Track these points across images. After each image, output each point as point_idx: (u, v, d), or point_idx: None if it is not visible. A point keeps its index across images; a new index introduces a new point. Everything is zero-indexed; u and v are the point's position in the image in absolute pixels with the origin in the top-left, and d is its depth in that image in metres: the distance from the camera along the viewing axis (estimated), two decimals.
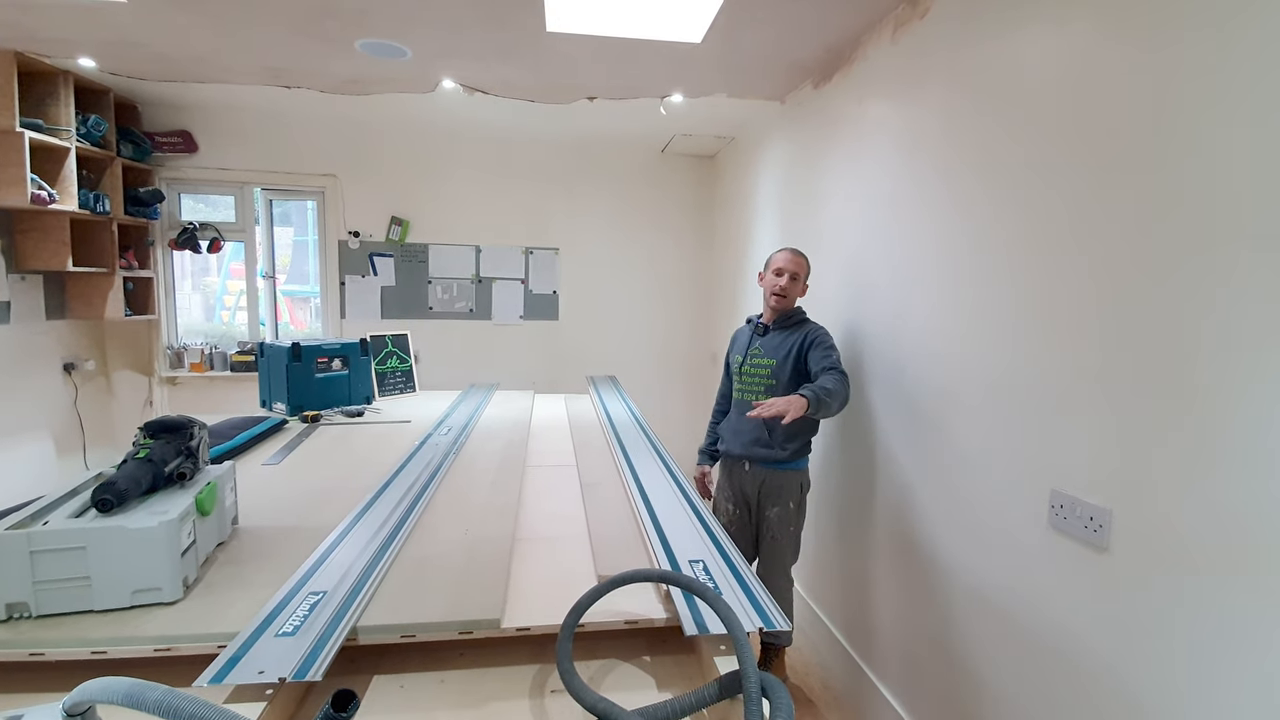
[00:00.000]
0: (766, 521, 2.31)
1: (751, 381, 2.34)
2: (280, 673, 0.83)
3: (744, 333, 2.46)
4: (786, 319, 2.32)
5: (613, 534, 1.41)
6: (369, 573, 1.13)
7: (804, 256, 2.31)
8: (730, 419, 2.41)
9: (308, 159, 3.96)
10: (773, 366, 2.27)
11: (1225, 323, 1.07)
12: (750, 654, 0.83)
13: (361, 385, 2.75)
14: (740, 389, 2.39)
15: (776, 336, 2.31)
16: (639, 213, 4.47)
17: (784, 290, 2.26)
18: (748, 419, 2.15)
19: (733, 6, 2.11)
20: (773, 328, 2.34)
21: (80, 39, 2.64)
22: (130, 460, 1.16)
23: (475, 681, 0.99)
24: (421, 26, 2.38)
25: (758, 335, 2.36)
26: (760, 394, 2.29)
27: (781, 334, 2.30)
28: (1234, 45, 1.07)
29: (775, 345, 2.30)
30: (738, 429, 2.35)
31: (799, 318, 2.33)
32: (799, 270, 2.28)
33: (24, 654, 0.93)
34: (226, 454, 1.87)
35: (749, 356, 2.36)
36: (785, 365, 2.25)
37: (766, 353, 2.31)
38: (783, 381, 2.25)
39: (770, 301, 2.32)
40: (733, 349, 2.50)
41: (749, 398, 2.32)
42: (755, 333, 2.38)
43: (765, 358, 2.31)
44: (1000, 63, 1.64)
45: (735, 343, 2.50)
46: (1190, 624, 1.14)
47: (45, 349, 3.35)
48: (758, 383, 2.32)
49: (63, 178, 2.99)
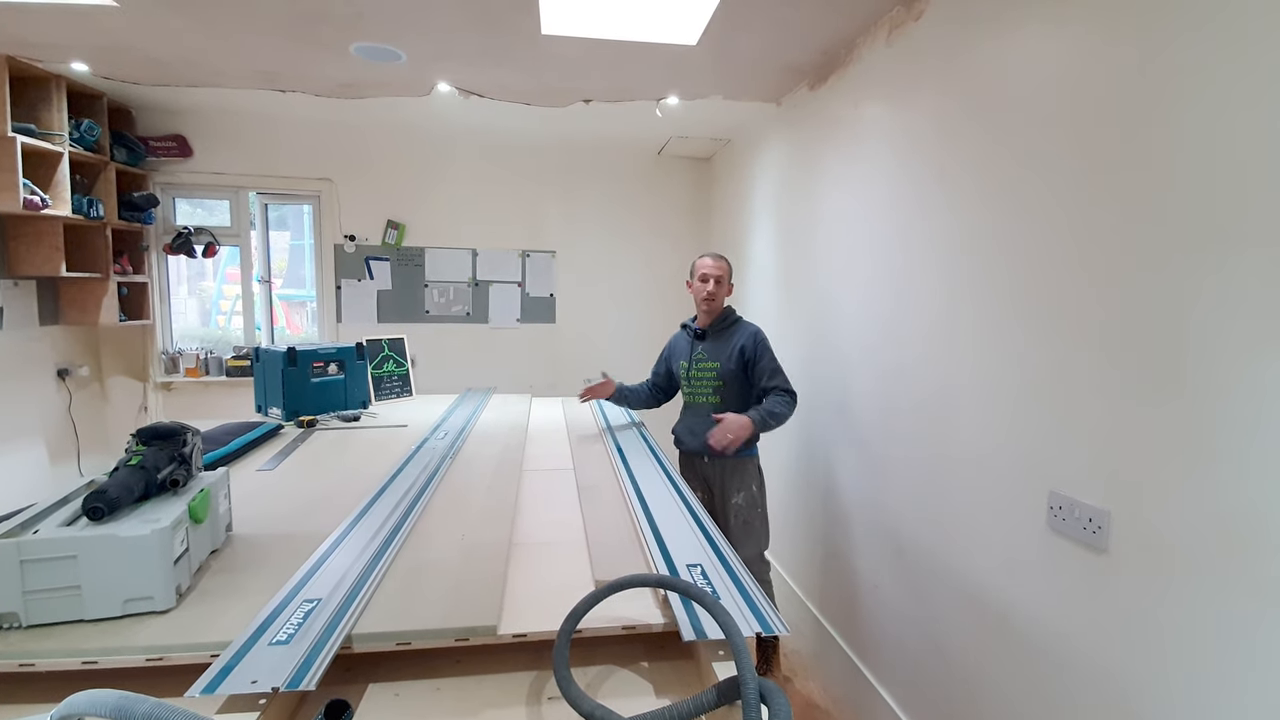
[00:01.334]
0: (734, 508, 2.42)
1: (700, 384, 2.46)
2: (274, 682, 0.83)
3: (681, 339, 2.59)
4: (721, 321, 2.47)
5: (610, 538, 1.41)
6: (364, 579, 1.12)
7: (725, 260, 2.47)
8: (685, 419, 2.54)
9: (303, 163, 3.95)
10: (718, 368, 2.42)
11: (1222, 324, 1.07)
12: (748, 660, 0.82)
13: (357, 390, 2.74)
14: (690, 392, 2.51)
15: (715, 340, 2.46)
16: (635, 215, 4.46)
17: (713, 294, 2.42)
18: (700, 421, 2.39)
19: (727, 9, 2.11)
20: (710, 331, 2.48)
21: (73, 43, 2.62)
22: (122, 467, 1.15)
23: (471, 689, 0.98)
24: (416, 30, 2.38)
25: (698, 340, 2.50)
26: (709, 395, 2.44)
27: (719, 335, 2.46)
28: (1227, 46, 1.07)
29: (716, 348, 2.44)
30: (693, 429, 2.45)
31: (732, 318, 2.49)
32: (723, 274, 2.44)
33: (14, 665, 0.92)
34: (220, 460, 1.86)
35: (694, 362, 2.48)
36: (729, 365, 2.40)
37: (710, 356, 2.44)
38: (728, 381, 2.40)
39: (702, 306, 2.47)
40: (674, 355, 2.62)
41: (700, 400, 2.47)
42: (694, 338, 2.51)
43: (709, 360, 2.44)
44: (995, 64, 1.64)
45: (675, 349, 2.62)
46: (1188, 625, 1.13)
47: (39, 355, 3.33)
48: (706, 384, 2.45)
49: (56, 183, 2.97)
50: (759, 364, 2.38)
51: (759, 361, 2.38)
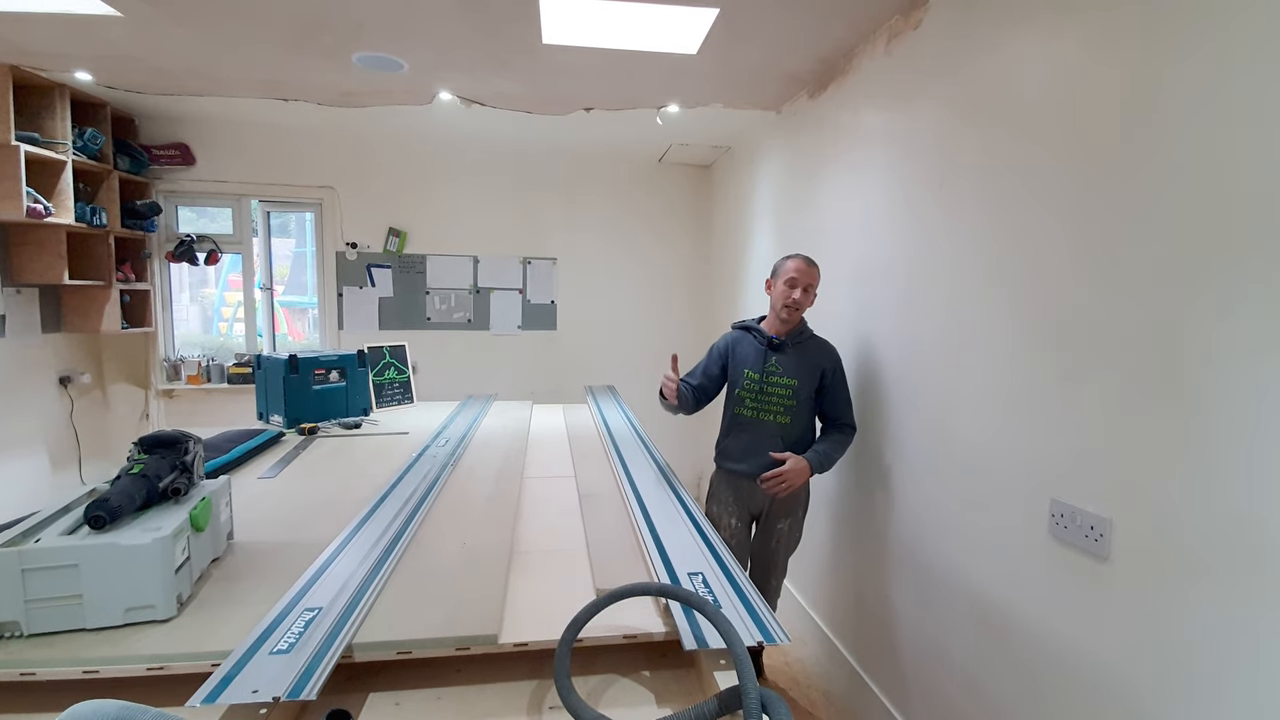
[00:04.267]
0: (777, 533, 2.26)
1: (771, 400, 2.17)
2: (274, 692, 0.83)
3: (748, 344, 2.24)
4: (799, 334, 2.18)
5: (611, 546, 1.41)
6: (365, 588, 1.12)
7: (817, 267, 2.15)
8: (740, 435, 2.21)
9: (305, 171, 3.97)
10: (794, 387, 2.13)
11: (1223, 330, 1.07)
12: (750, 669, 0.82)
13: (359, 397, 2.74)
14: (755, 407, 2.18)
15: (793, 354, 2.16)
16: (636, 222, 4.48)
17: (798, 303, 2.10)
18: (763, 442, 2.13)
19: (727, 18, 2.13)
20: (788, 343, 2.16)
21: (76, 53, 2.64)
22: (124, 476, 1.15)
23: (472, 698, 0.98)
24: (418, 40, 2.39)
25: (772, 350, 2.18)
26: (779, 414, 2.15)
27: (798, 351, 2.16)
28: (1224, 55, 1.07)
29: (795, 364, 2.15)
30: (752, 449, 2.17)
31: (808, 331, 2.22)
32: (812, 282, 2.12)
33: (14, 674, 0.91)
34: (222, 468, 1.86)
35: (767, 374, 2.17)
36: (808, 387, 2.14)
37: (787, 371, 2.14)
38: (802, 403, 2.15)
39: (781, 314, 2.14)
40: (736, 360, 2.25)
41: (767, 418, 2.17)
42: (766, 346, 2.18)
43: (787, 376, 2.14)
44: (993, 72, 1.64)
45: (739, 354, 2.25)
46: (1191, 633, 1.13)
47: (41, 362, 3.34)
48: (778, 402, 2.16)
49: (59, 191, 2.98)
50: (838, 394, 2.17)
51: (838, 391, 2.17)
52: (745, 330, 2.29)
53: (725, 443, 2.27)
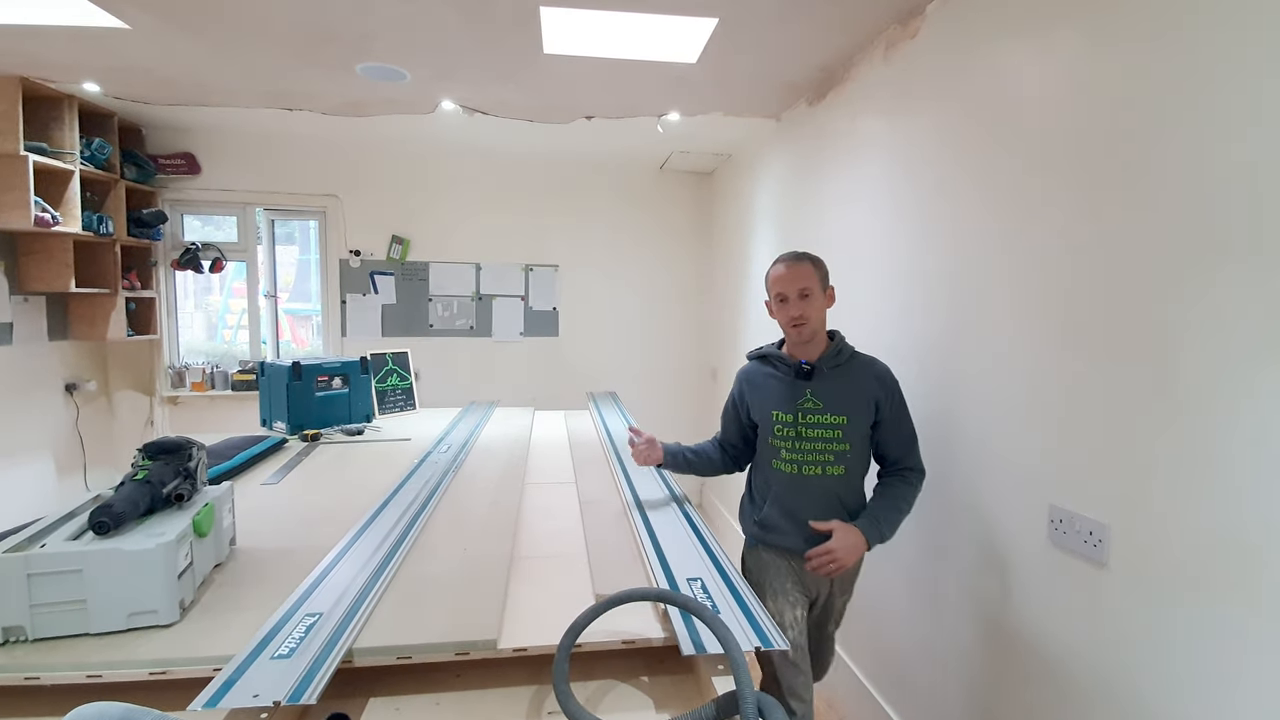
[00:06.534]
0: (836, 613, 1.79)
1: (813, 447, 1.63)
2: (275, 696, 0.83)
3: (768, 377, 1.72)
4: (836, 354, 1.66)
5: (611, 552, 1.41)
6: (366, 593, 1.13)
7: (809, 261, 1.67)
8: (779, 497, 1.68)
9: (309, 179, 4.00)
10: (844, 426, 1.62)
11: (1222, 336, 1.08)
12: (747, 674, 0.83)
13: (361, 403, 2.76)
14: (794, 459, 1.65)
15: (832, 379, 1.65)
16: (638, 229, 4.50)
17: (802, 318, 1.61)
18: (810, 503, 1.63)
19: (726, 28, 2.15)
20: (822, 366, 1.65)
21: (84, 64, 2.68)
22: (128, 482, 1.17)
23: (472, 703, 0.99)
24: (421, 50, 2.42)
25: (801, 380, 1.65)
26: (829, 464, 1.62)
27: (838, 374, 1.65)
28: (1220, 58, 1.08)
29: (839, 394, 1.63)
30: (794, 512, 1.65)
31: (848, 350, 1.69)
32: (808, 284, 1.63)
33: (19, 678, 0.92)
34: (225, 474, 1.87)
35: (801, 413, 1.64)
36: (862, 423, 1.63)
37: (829, 405, 1.63)
38: (856, 445, 1.64)
39: (792, 335, 1.66)
40: (757, 401, 1.72)
41: (812, 470, 1.63)
42: (796, 376, 1.66)
43: (831, 413, 1.62)
44: (990, 80, 1.66)
45: (759, 392, 1.72)
46: (1188, 639, 1.13)
47: (47, 370, 3.36)
48: (823, 448, 1.62)
49: (66, 200, 3.02)
50: (898, 428, 1.66)
51: (899, 425, 1.66)
52: (761, 360, 1.77)
53: (765, 511, 1.69)
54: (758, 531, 1.72)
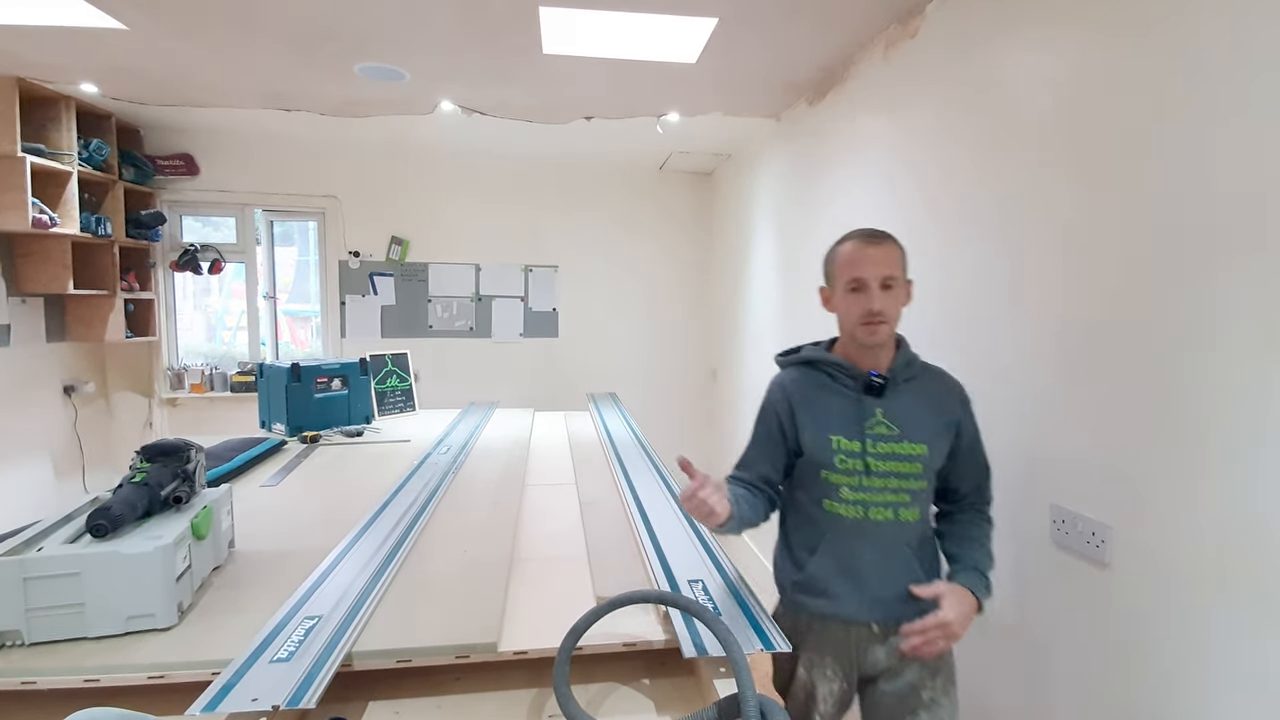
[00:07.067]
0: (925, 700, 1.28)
1: (885, 485, 1.25)
2: (274, 699, 0.83)
3: (818, 389, 1.31)
4: (907, 363, 1.31)
5: (611, 554, 1.41)
6: (365, 596, 1.13)
7: (894, 242, 1.29)
8: (834, 550, 1.27)
9: (308, 180, 4.00)
10: (924, 457, 1.25)
11: (1223, 335, 1.07)
12: (749, 676, 0.82)
13: (361, 405, 2.75)
14: (859, 499, 1.25)
15: (907, 396, 1.28)
16: (638, 230, 4.49)
17: (883, 314, 1.23)
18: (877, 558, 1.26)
19: (726, 27, 2.14)
20: (898, 379, 1.28)
21: (82, 65, 2.67)
22: (126, 484, 1.16)
23: (472, 707, 0.98)
24: (419, 50, 2.41)
25: (869, 395, 1.27)
26: (903, 508, 1.25)
27: (912, 390, 1.29)
28: (1217, 56, 1.08)
29: (914, 414, 1.27)
30: (853, 567, 1.26)
31: (918, 359, 1.34)
32: (893, 270, 1.25)
33: (15, 683, 0.92)
34: (223, 476, 1.86)
35: (870, 439, 1.25)
36: (938, 453, 1.28)
37: (906, 430, 1.26)
38: (932, 483, 1.30)
39: (862, 336, 1.25)
40: (808, 419, 1.29)
41: (882, 515, 1.25)
42: (864, 391, 1.27)
43: (909, 440, 1.25)
44: (990, 79, 1.65)
45: (809, 406, 1.30)
46: (1191, 639, 1.12)
47: (45, 371, 3.36)
48: (898, 487, 1.25)
49: (64, 201, 3.01)
50: (975, 454, 1.33)
51: (976, 449, 1.33)
52: (808, 366, 1.36)
53: (812, 567, 1.29)
54: (797, 591, 1.31)
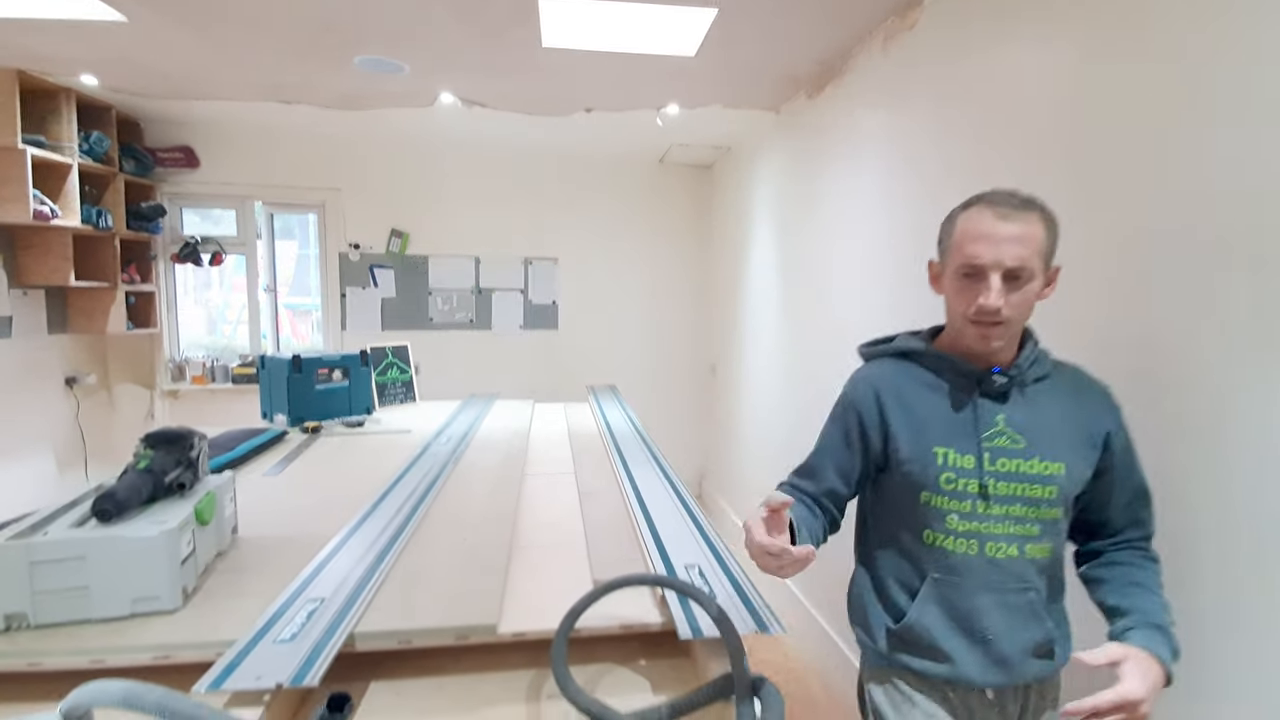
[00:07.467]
0: None
1: (1008, 513, 1.04)
2: (277, 678, 0.84)
3: (919, 388, 1.11)
4: (1035, 361, 1.10)
5: (609, 540, 1.42)
6: (367, 580, 1.14)
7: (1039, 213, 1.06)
8: (943, 594, 1.06)
9: (308, 173, 4.00)
10: (1060, 478, 1.04)
11: (1224, 334, 1.08)
12: (742, 656, 0.84)
13: (362, 396, 2.76)
14: (975, 529, 1.04)
15: (1037, 401, 1.07)
16: (637, 222, 4.50)
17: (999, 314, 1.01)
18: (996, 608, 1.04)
19: (725, 21, 2.15)
20: (1025, 378, 1.08)
21: (82, 57, 2.67)
22: (131, 470, 1.17)
23: (472, 687, 0.99)
24: (419, 43, 2.42)
25: (989, 399, 1.07)
26: (1032, 542, 1.04)
27: (1043, 394, 1.08)
28: (1214, 54, 1.08)
29: (1046, 424, 1.06)
30: (968, 616, 1.05)
31: (1048, 355, 1.13)
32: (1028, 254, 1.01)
33: (22, 664, 0.93)
34: (227, 465, 1.88)
35: (989, 454, 1.04)
36: (1079, 474, 1.05)
37: (1036, 444, 1.04)
38: (1068, 510, 1.08)
39: (971, 337, 1.06)
40: (903, 424, 1.09)
41: (1003, 552, 1.04)
42: (979, 391, 1.07)
43: (1040, 457, 1.04)
44: (988, 71, 1.66)
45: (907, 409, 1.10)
46: (1192, 640, 1.14)
47: (47, 363, 3.37)
48: (1025, 516, 1.04)
49: (65, 194, 3.02)
50: (1131, 475, 1.09)
51: (1132, 470, 1.09)
52: (904, 358, 1.16)
53: (914, 615, 1.08)
54: (893, 649, 1.09)
